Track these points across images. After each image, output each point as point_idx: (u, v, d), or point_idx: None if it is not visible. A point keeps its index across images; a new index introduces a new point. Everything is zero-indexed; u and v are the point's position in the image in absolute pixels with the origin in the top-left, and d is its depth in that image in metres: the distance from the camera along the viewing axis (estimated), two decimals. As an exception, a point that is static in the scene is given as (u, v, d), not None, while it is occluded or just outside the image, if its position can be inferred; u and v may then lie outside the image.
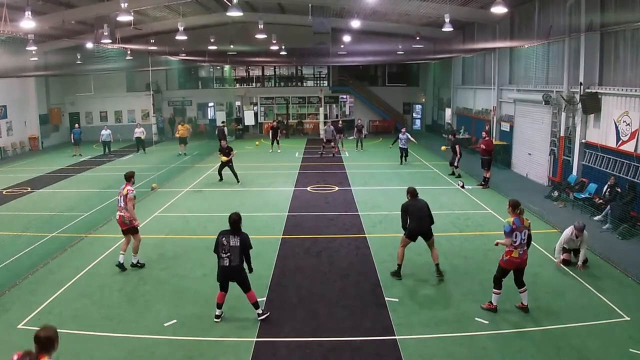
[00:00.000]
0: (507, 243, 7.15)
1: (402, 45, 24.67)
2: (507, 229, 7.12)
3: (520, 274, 7.31)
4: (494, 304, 7.34)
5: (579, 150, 14.04)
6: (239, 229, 6.94)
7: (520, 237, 7.11)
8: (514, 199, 7.46)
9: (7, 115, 24.56)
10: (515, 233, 7.07)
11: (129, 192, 8.84)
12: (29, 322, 7.05)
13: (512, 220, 7.12)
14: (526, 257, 7.25)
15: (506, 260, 7.22)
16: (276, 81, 35.32)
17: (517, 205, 7.29)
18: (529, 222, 7.27)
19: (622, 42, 12.34)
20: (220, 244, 6.86)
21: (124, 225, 8.91)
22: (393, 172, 18.72)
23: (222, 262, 6.86)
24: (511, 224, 7.09)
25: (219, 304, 7.09)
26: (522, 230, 7.12)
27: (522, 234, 7.12)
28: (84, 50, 20.39)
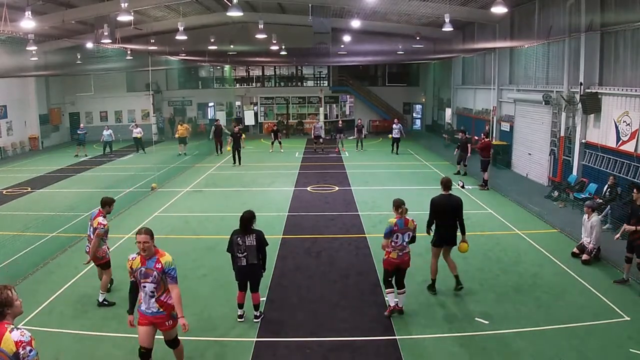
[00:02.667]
0: (385, 244, 7.05)
1: (402, 45, 24.67)
2: (387, 230, 6.98)
3: (401, 275, 7.23)
4: (391, 305, 7.21)
5: (579, 150, 14.04)
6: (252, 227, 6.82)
7: (401, 239, 7.00)
8: (397, 199, 7.16)
9: (7, 115, 24.56)
10: (397, 234, 6.96)
11: (99, 226, 7.37)
12: (29, 322, 7.05)
13: (394, 222, 6.98)
14: (407, 259, 7.17)
15: (385, 259, 7.15)
16: (276, 81, 35.32)
17: (399, 205, 7.07)
18: (414, 224, 7.09)
19: (622, 42, 12.34)
20: (235, 243, 6.79)
21: (95, 260, 7.62)
22: (393, 172, 18.72)
23: (239, 262, 6.81)
24: (392, 225, 6.96)
25: (239, 304, 7.08)
26: (405, 232, 6.99)
27: (405, 236, 7.00)
28: (84, 50, 20.37)
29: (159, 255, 5.21)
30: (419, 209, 13.25)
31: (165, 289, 5.21)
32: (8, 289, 3.51)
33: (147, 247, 5.10)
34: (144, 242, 5.07)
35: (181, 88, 33.51)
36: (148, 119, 30.48)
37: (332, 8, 19.63)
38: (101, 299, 7.63)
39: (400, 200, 7.14)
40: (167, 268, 5.15)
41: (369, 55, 26.99)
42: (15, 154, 24.87)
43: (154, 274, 5.12)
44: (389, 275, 7.24)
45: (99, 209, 7.65)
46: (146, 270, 5.15)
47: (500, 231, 11.39)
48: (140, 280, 5.19)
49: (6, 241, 10.32)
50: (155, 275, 5.12)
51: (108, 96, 30.10)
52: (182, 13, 21.30)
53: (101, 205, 7.67)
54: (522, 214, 12.83)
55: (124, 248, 10.37)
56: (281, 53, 25.25)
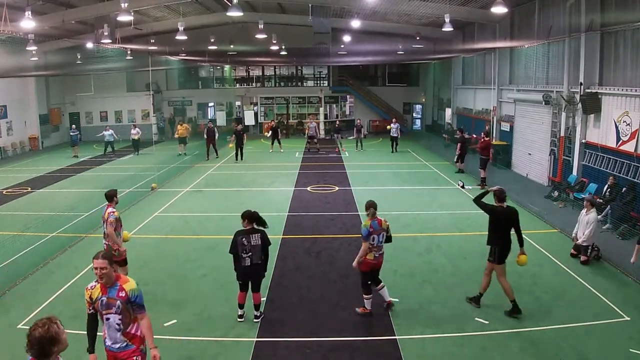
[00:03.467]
0: (365, 248, 6.96)
1: (402, 45, 24.67)
2: (365, 232, 6.94)
3: (376, 273, 7.26)
4: (368, 308, 7.21)
5: (579, 150, 14.04)
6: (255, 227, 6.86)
7: (377, 240, 6.99)
8: (369, 201, 7.14)
9: (7, 115, 24.56)
10: (373, 236, 6.95)
11: (109, 215, 7.50)
12: (29, 322, 7.04)
13: (369, 224, 6.96)
14: (381, 260, 7.17)
15: (361, 262, 7.06)
16: (276, 81, 35.32)
17: (368, 206, 7.05)
18: (387, 224, 7.09)
19: (622, 42, 12.34)
20: (240, 244, 6.78)
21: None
22: (393, 172, 18.72)
23: (244, 262, 6.81)
24: (368, 227, 6.94)
25: (240, 305, 7.08)
26: (380, 233, 6.99)
27: (380, 236, 7.00)
28: (84, 50, 20.37)
29: (121, 281, 4.43)
30: (419, 208, 13.33)
31: (132, 318, 4.46)
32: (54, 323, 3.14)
33: (105, 274, 4.31)
34: (100, 268, 4.28)
35: (181, 88, 33.52)
36: (148, 119, 30.48)
37: (332, 8, 19.64)
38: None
39: (370, 202, 7.12)
40: (133, 296, 4.38)
41: (369, 55, 26.99)
42: (15, 154, 24.87)
43: (117, 303, 4.36)
44: (368, 278, 7.18)
45: (107, 204, 7.66)
46: (108, 299, 4.38)
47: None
48: (102, 311, 4.43)
49: (6, 241, 10.32)
50: (119, 305, 4.37)
51: (108, 96, 30.09)
52: (182, 13, 21.30)
53: (107, 200, 7.69)
54: (522, 214, 12.69)
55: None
56: (281, 53, 25.25)
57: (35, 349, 3.05)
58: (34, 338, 3.03)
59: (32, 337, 3.04)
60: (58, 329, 3.11)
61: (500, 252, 7.07)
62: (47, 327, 3.07)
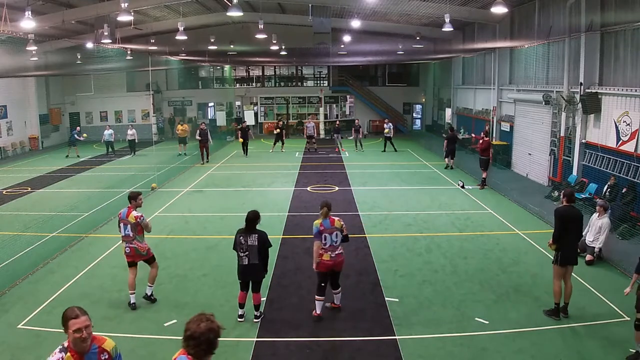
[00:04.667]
0: (316, 247, 6.89)
1: (402, 45, 24.66)
2: (315, 231, 6.87)
3: (335, 277, 7.11)
4: (318, 311, 7.09)
5: (579, 150, 14.04)
6: (255, 227, 6.84)
7: (330, 239, 6.84)
8: (323, 201, 7.10)
9: (7, 115, 24.55)
10: (324, 235, 6.83)
11: (139, 219, 7.38)
12: (29, 322, 7.05)
13: (319, 222, 6.88)
14: (341, 260, 7.00)
15: (318, 262, 6.91)
16: (276, 81, 35.31)
17: (322, 206, 6.97)
18: (341, 223, 6.96)
19: (622, 42, 12.34)
20: (238, 243, 6.82)
21: (139, 257, 7.54)
22: (393, 172, 18.72)
23: (241, 262, 6.86)
24: (319, 226, 6.86)
25: (240, 304, 7.09)
26: (333, 232, 6.86)
27: (333, 236, 6.85)
28: (84, 50, 20.36)
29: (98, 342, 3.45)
30: (419, 208, 13.33)
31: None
32: (209, 316, 3.01)
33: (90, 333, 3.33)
34: (86, 327, 3.26)
35: (181, 88, 33.50)
36: (148, 119, 30.48)
37: (332, 8, 19.62)
38: (149, 292, 7.68)
39: (324, 202, 7.06)
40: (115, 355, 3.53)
41: (369, 55, 26.98)
42: (15, 154, 24.86)
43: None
44: (323, 280, 7.02)
45: (128, 206, 7.55)
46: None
47: (500, 231, 11.39)
48: None
49: (6, 241, 10.32)
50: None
51: (108, 96, 30.12)
52: (182, 13, 21.29)
53: (129, 201, 7.59)
54: (522, 214, 12.83)
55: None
56: (281, 53, 25.25)
57: (204, 344, 2.93)
58: (201, 332, 2.92)
59: (198, 332, 2.92)
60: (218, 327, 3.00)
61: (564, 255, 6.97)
62: (210, 320, 2.98)
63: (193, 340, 2.92)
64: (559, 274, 7.04)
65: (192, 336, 2.92)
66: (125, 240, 7.52)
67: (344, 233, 7.01)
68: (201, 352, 2.94)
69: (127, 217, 7.44)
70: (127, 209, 7.52)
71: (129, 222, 7.41)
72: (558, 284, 7.04)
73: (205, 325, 2.92)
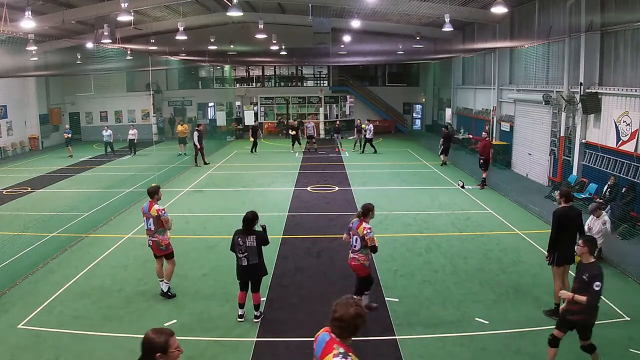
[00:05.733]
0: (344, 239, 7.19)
1: (402, 45, 24.67)
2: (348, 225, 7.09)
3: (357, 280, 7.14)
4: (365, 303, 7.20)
5: (579, 150, 14.04)
6: (253, 228, 6.84)
7: (352, 240, 6.98)
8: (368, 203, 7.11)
9: (7, 115, 24.55)
10: (351, 233, 7.02)
11: (160, 212, 7.58)
12: (29, 322, 7.05)
13: (352, 220, 7.08)
14: (354, 264, 7.00)
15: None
16: (276, 81, 35.31)
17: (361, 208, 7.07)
18: (365, 231, 6.81)
19: (622, 42, 12.34)
20: (237, 244, 6.82)
21: (159, 251, 7.82)
22: (393, 172, 18.72)
23: (240, 262, 6.86)
24: (349, 223, 7.09)
25: (240, 304, 7.09)
26: (354, 235, 6.94)
27: (354, 239, 6.95)
28: (84, 50, 20.37)
29: None
30: (419, 208, 13.33)
31: None
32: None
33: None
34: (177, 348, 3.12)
35: (181, 88, 33.51)
36: (148, 119, 30.47)
37: (332, 8, 19.63)
38: (165, 288, 7.81)
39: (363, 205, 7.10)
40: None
41: (369, 55, 26.98)
42: (15, 154, 24.86)
43: None
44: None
45: (149, 201, 7.72)
46: None
47: (500, 231, 11.39)
48: None
49: (6, 241, 10.33)
50: None
51: (108, 96, 30.11)
52: (182, 13, 21.30)
53: (150, 196, 7.76)
54: (522, 214, 12.83)
55: (124, 248, 10.38)
56: (281, 53, 25.26)
57: (351, 328, 3.10)
58: (350, 317, 3.07)
59: (347, 316, 3.07)
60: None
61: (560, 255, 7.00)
62: (358, 306, 3.14)
63: (340, 322, 3.09)
64: (559, 274, 7.05)
65: (341, 319, 3.08)
66: (148, 234, 7.79)
67: (369, 244, 6.85)
68: (345, 334, 3.12)
69: (149, 211, 7.63)
70: (149, 203, 7.71)
71: (151, 216, 7.62)
72: (559, 284, 7.01)
73: (354, 311, 3.08)
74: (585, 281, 5.27)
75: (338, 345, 3.11)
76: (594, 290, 5.18)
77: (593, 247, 5.55)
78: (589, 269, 5.35)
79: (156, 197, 7.75)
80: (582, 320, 5.42)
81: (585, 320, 5.42)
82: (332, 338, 3.14)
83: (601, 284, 5.21)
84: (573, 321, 5.49)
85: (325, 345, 3.16)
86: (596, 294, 5.21)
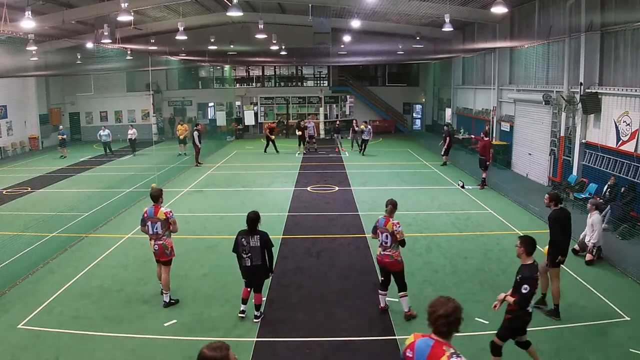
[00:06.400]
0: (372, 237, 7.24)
1: (402, 45, 24.67)
2: (374, 224, 7.09)
3: (393, 276, 7.08)
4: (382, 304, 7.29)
5: (579, 150, 14.04)
6: (256, 228, 6.85)
7: (381, 238, 6.98)
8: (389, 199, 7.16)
9: (7, 115, 24.55)
10: (378, 232, 7.02)
11: (168, 215, 7.41)
12: (29, 322, 7.05)
13: (378, 219, 7.08)
14: (388, 261, 6.96)
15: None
16: (276, 81, 35.31)
17: (387, 204, 7.05)
18: (394, 227, 6.83)
19: (622, 42, 12.34)
20: (240, 244, 6.82)
21: (164, 256, 7.55)
22: (393, 172, 18.72)
23: (244, 262, 6.86)
24: (376, 221, 7.09)
25: (243, 300, 7.11)
26: (383, 232, 6.93)
27: (383, 236, 6.94)
28: (84, 50, 20.37)
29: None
30: (419, 208, 13.33)
31: None
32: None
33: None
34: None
35: (181, 88, 33.50)
36: (148, 119, 30.47)
37: (332, 8, 19.64)
38: (167, 299, 7.61)
39: (389, 200, 7.14)
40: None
41: (369, 55, 26.98)
42: (15, 154, 24.86)
43: None
44: (381, 274, 7.27)
45: (153, 205, 7.51)
46: None
47: (500, 231, 11.39)
48: None
49: (6, 241, 10.33)
50: None
51: (108, 96, 30.11)
52: (182, 13, 21.29)
53: (154, 200, 7.54)
54: (522, 214, 12.83)
55: (124, 248, 10.38)
56: (281, 53, 25.26)
57: (454, 322, 3.19)
58: (452, 311, 3.17)
59: (449, 311, 3.17)
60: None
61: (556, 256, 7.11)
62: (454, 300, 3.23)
63: (445, 319, 3.14)
64: (557, 274, 7.11)
65: (444, 315, 3.14)
66: (153, 239, 7.50)
67: (399, 238, 6.86)
68: (452, 330, 3.18)
69: (155, 215, 7.40)
70: (154, 207, 7.47)
71: (159, 219, 7.38)
72: (557, 283, 7.09)
73: (452, 305, 3.18)
74: (517, 282, 5.30)
75: (447, 346, 3.12)
76: (522, 293, 5.20)
77: (530, 247, 5.49)
78: (523, 271, 5.36)
79: (160, 200, 7.60)
80: (508, 318, 5.48)
81: (510, 320, 5.44)
82: (438, 341, 3.15)
83: (529, 288, 5.19)
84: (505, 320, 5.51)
85: (431, 350, 3.12)
86: (522, 296, 5.22)
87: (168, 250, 7.57)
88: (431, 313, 3.18)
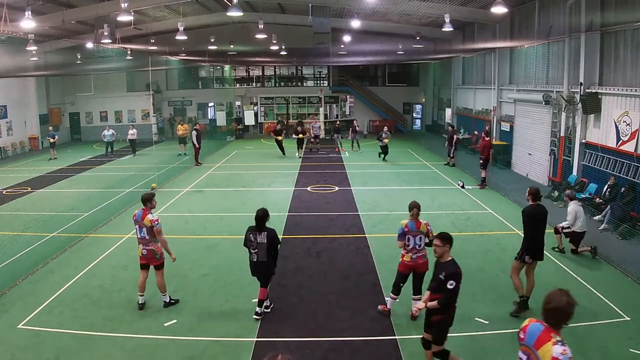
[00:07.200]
0: (399, 246, 6.93)
1: (402, 45, 24.66)
2: (399, 231, 6.85)
3: (417, 280, 7.02)
4: (388, 307, 7.22)
5: (579, 150, 14.04)
6: (265, 225, 6.90)
7: (413, 242, 6.79)
8: (412, 201, 7.02)
9: (7, 115, 24.55)
10: (408, 237, 6.80)
11: (153, 223, 7.18)
12: (29, 322, 7.05)
13: (405, 223, 6.84)
14: (422, 262, 6.88)
15: (400, 262, 6.99)
16: (276, 81, 35.31)
17: (411, 207, 6.92)
18: (427, 227, 6.81)
19: (622, 42, 12.34)
20: (248, 240, 6.92)
21: (154, 260, 7.42)
22: (393, 172, 18.72)
23: (252, 258, 6.96)
24: (403, 226, 6.82)
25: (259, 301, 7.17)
26: (417, 235, 6.78)
27: (416, 239, 6.79)
28: (84, 50, 20.36)
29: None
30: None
31: None
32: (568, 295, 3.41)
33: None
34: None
35: (181, 88, 33.50)
36: (148, 119, 30.48)
37: (332, 8, 19.64)
38: (167, 299, 7.59)
39: (413, 203, 7.00)
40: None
41: (369, 55, 26.97)
42: (15, 154, 24.87)
43: None
44: (402, 280, 7.06)
45: (142, 209, 7.34)
46: None
47: (500, 231, 11.39)
48: None
49: (6, 241, 10.32)
50: None
51: (108, 96, 30.11)
52: (182, 13, 21.29)
53: (143, 204, 7.39)
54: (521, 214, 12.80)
55: (124, 248, 10.37)
56: (281, 53, 25.25)
57: (565, 316, 3.38)
58: (565, 305, 3.35)
59: (562, 305, 3.35)
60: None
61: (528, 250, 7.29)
62: (570, 296, 3.40)
63: (557, 312, 3.37)
64: (517, 269, 7.29)
65: (557, 308, 3.36)
66: (142, 243, 7.39)
67: (431, 237, 6.67)
68: (561, 322, 3.40)
69: (142, 220, 7.26)
70: (142, 211, 7.32)
71: (145, 225, 7.25)
72: (517, 277, 7.26)
73: (566, 300, 3.37)
74: (442, 280, 5.29)
75: (555, 334, 3.36)
76: (448, 289, 5.22)
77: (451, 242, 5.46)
78: (445, 267, 5.34)
79: (149, 204, 7.36)
80: (439, 320, 5.40)
81: (442, 320, 5.39)
82: (547, 327, 3.41)
83: (455, 283, 5.22)
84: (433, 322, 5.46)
85: (540, 334, 3.42)
86: (450, 292, 5.25)
87: (158, 255, 7.42)
88: (545, 303, 3.42)
